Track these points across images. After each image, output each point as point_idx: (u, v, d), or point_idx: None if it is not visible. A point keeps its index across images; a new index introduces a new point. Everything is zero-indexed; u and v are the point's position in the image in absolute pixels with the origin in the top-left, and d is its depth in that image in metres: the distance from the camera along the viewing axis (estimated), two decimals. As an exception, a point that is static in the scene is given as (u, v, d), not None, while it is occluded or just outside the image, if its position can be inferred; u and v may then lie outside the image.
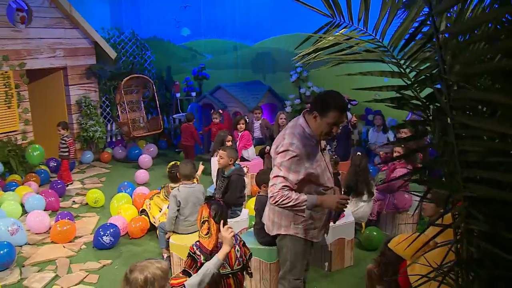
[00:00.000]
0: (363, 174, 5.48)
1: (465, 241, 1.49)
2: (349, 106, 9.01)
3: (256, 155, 7.78)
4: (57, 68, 9.50)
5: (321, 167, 3.23)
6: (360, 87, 2.17)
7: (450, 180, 1.56)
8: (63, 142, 7.98)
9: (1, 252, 5.03)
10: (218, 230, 3.31)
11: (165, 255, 5.17)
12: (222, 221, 3.24)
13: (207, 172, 7.30)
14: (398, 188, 5.78)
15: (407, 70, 1.94)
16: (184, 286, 2.65)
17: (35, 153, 8.16)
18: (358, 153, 5.63)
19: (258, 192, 4.67)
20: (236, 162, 5.45)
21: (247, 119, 7.89)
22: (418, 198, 5.82)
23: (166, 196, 5.83)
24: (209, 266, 2.85)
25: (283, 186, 3.09)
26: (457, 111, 1.52)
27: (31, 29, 8.88)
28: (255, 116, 8.59)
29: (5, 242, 5.19)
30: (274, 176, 3.15)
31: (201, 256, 3.40)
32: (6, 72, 8.47)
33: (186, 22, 11.69)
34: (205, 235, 3.33)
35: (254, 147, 7.93)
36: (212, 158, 6.55)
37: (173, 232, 4.88)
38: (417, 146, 6.14)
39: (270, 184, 3.21)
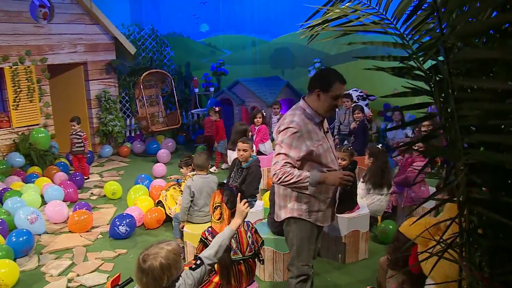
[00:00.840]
0: (385, 166, 5.44)
1: (466, 210, 1.45)
2: (367, 101, 8.95)
3: (273, 150, 7.75)
4: (77, 63, 9.64)
5: (323, 147, 3.20)
6: (376, 83, 2.17)
7: (451, 147, 1.52)
8: (79, 137, 7.98)
9: (21, 239, 5.13)
10: (230, 216, 3.31)
11: (180, 245, 5.20)
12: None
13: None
14: (414, 182, 5.69)
15: (410, 42, 1.92)
16: (200, 258, 2.64)
17: (39, 135, 8.25)
18: (379, 145, 5.58)
19: (273, 183, 4.65)
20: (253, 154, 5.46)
21: (265, 113, 7.88)
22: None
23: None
24: (223, 237, 2.81)
25: (285, 163, 3.08)
26: (457, 75, 1.49)
27: (52, 25, 9.03)
28: (273, 111, 8.57)
29: (24, 230, 5.29)
30: (276, 154, 3.16)
31: None
32: (28, 67, 8.63)
33: (205, 18, 11.74)
34: (217, 220, 3.34)
35: (272, 141, 7.92)
36: (229, 150, 6.54)
37: (187, 221, 4.89)
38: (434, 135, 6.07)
39: (272, 163, 3.20)
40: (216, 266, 3.45)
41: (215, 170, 8.29)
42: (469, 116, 1.42)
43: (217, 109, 8.77)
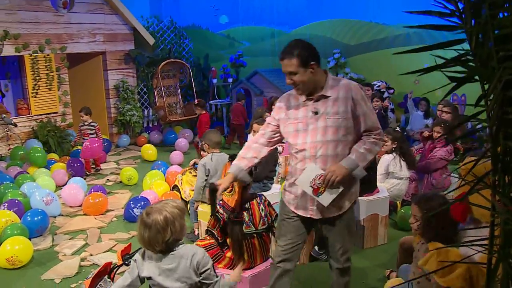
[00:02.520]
0: (406, 146, 5.32)
1: (501, 135, 1.31)
2: (386, 94, 8.76)
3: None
4: (96, 52, 9.66)
5: (297, 127, 2.82)
6: (400, 73, 1.99)
7: (484, 67, 1.38)
8: (91, 128, 7.77)
9: (36, 218, 5.11)
10: (241, 188, 3.21)
11: (196, 231, 5.06)
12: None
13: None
14: (435, 169, 5.52)
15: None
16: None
17: (36, 154, 7.27)
18: (397, 128, 5.43)
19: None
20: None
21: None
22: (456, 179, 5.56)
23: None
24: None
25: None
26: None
27: (72, 14, 9.07)
28: None
29: (40, 210, 5.27)
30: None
31: (224, 214, 3.30)
32: (48, 55, 8.68)
33: (225, 10, 11.68)
34: (229, 192, 3.24)
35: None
36: (249, 134, 6.44)
37: (201, 202, 4.80)
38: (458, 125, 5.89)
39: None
40: (228, 240, 3.35)
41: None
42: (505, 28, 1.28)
43: (196, 102, 8.67)
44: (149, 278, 2.39)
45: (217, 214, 3.27)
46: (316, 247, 4.47)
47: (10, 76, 9.04)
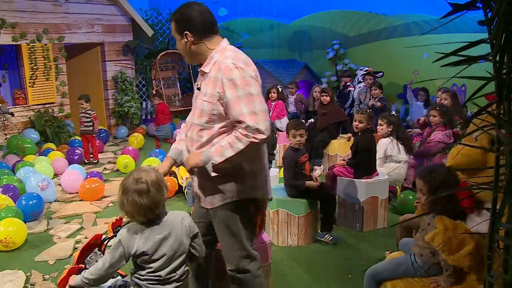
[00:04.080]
0: (401, 130, 5.25)
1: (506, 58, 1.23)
2: (376, 79, 8.60)
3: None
4: (94, 43, 9.60)
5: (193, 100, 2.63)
6: (397, 65, 1.91)
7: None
8: (87, 116, 7.44)
9: (30, 202, 5.03)
10: None
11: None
12: None
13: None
14: (435, 153, 5.43)
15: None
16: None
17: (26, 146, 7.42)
18: (393, 112, 5.37)
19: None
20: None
21: (280, 88, 7.66)
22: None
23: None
24: None
25: None
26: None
27: (70, 4, 9.01)
28: (289, 91, 8.39)
29: (35, 194, 5.20)
30: None
31: None
32: (45, 44, 8.62)
33: (224, 2, 11.62)
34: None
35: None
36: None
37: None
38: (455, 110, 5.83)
39: None
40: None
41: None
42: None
43: (154, 92, 8.55)
44: (138, 254, 2.27)
45: None
46: (319, 230, 4.41)
47: (8, 66, 8.97)
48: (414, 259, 2.69)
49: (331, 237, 4.34)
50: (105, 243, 2.76)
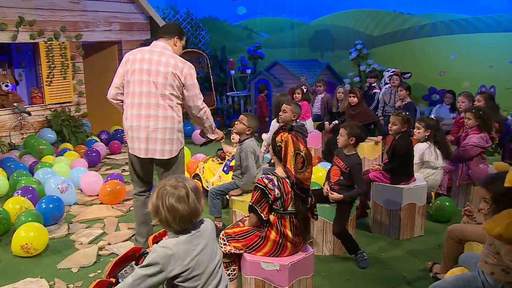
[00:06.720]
0: (440, 134, 4.98)
1: None
2: (402, 79, 8.31)
3: (314, 129, 7.36)
4: (112, 42, 9.41)
5: None
6: (422, 65, 1.69)
7: None
8: None
9: (51, 205, 4.84)
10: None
11: (219, 224, 4.71)
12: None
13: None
14: (470, 157, 5.16)
15: None
16: None
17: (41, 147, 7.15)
18: (432, 116, 5.09)
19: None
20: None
21: (305, 89, 7.41)
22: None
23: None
24: None
25: None
26: None
27: (88, 2, 8.83)
28: (317, 89, 8.11)
29: (55, 197, 5.01)
30: None
31: (275, 190, 2.97)
32: (63, 42, 8.45)
33: (243, 1, 11.39)
34: (300, 169, 3.02)
35: (313, 121, 7.51)
36: (273, 121, 6.11)
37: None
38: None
39: None
40: (272, 217, 3.03)
41: None
42: None
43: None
44: (179, 273, 2.06)
45: (264, 188, 2.95)
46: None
47: (24, 65, 8.81)
48: (484, 277, 2.44)
49: (361, 260, 4.00)
50: (143, 257, 2.52)
